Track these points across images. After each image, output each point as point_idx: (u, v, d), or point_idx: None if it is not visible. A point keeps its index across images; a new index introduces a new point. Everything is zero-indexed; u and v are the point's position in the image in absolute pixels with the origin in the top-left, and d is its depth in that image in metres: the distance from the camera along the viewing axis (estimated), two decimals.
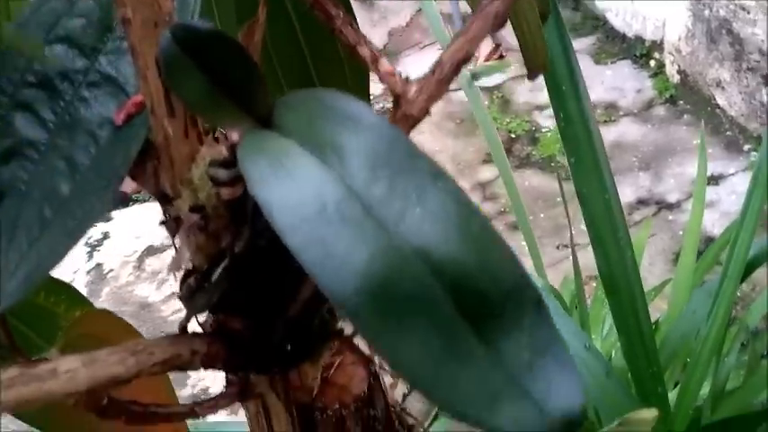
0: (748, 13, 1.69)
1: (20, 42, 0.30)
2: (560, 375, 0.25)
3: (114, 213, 2.57)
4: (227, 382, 0.40)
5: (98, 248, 2.38)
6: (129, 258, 2.35)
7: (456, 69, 0.33)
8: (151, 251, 2.38)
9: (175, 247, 0.31)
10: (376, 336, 0.23)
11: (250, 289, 0.34)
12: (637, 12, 2.25)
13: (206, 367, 0.36)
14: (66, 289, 0.45)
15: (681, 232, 1.70)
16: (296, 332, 0.35)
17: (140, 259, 2.35)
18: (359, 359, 0.46)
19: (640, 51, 2.29)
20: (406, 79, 0.34)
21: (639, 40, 2.29)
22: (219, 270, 0.31)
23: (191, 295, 0.33)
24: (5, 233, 0.31)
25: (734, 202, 1.66)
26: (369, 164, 0.25)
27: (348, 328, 0.38)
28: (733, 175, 1.80)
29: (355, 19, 0.34)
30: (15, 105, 0.31)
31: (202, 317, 0.37)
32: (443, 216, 0.25)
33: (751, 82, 1.76)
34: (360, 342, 0.47)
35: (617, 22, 2.36)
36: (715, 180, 1.78)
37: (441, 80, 0.33)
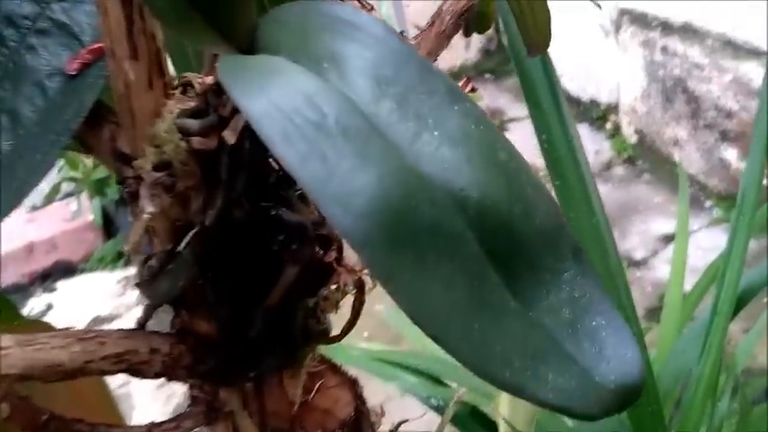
0: (702, 70, 1.72)
1: None
2: (611, 337, 0.21)
3: (59, 284, 2.47)
4: (192, 399, 0.34)
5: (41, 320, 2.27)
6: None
7: (458, 21, 0.30)
8: (97, 322, 2.28)
9: (136, 216, 0.27)
10: (389, 274, 0.18)
11: (222, 272, 0.29)
12: (591, 76, 2.29)
13: (168, 374, 0.31)
14: (6, 307, 0.40)
15: (650, 288, 1.68)
16: (276, 328, 0.30)
17: None
18: (343, 381, 0.41)
19: (596, 114, 2.33)
20: (401, 34, 0.30)
21: (595, 103, 2.32)
22: (187, 240, 0.26)
23: (152, 278, 0.28)
24: None
25: (700, 258, 1.65)
26: (375, 79, 0.21)
27: (335, 329, 0.33)
28: (697, 231, 1.80)
29: None
30: None
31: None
32: (465, 141, 0.21)
33: (709, 138, 1.78)
34: (342, 363, 0.42)
35: (572, 86, 2.40)
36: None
37: (440, 33, 0.30)
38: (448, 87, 0.21)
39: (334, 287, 0.31)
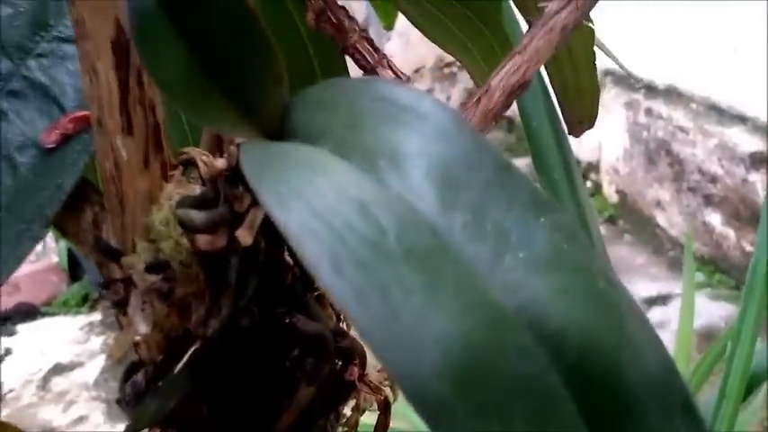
0: (687, 134, 1.72)
1: None
2: None
3: (19, 327, 2.37)
4: None
5: None
6: (32, 377, 2.14)
7: (509, 98, 0.25)
8: (58, 369, 2.18)
9: (120, 324, 0.22)
10: None
11: (222, 389, 0.24)
12: None
13: None
14: None
15: None
16: None
17: (45, 379, 2.15)
18: None
19: None
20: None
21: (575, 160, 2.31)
22: (186, 359, 0.21)
23: (138, 398, 0.23)
24: None
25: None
26: (444, 183, 0.16)
27: None
28: (679, 295, 1.78)
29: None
30: None
31: None
32: (557, 265, 0.16)
33: (692, 202, 1.77)
34: None
35: None
36: (663, 300, 1.75)
37: (487, 112, 0.25)
38: (531, 193, 0.17)
39: (351, 404, 0.26)
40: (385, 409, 0.25)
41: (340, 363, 0.24)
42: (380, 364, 0.14)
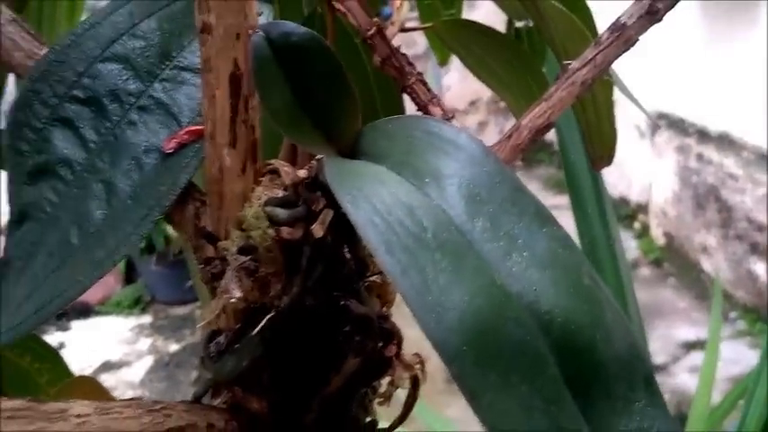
0: (737, 181, 1.73)
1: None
2: None
3: (73, 323, 2.47)
4: None
5: None
6: (82, 372, 2.23)
7: (534, 136, 0.31)
8: (107, 366, 2.27)
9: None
10: (475, 391, 0.19)
11: (283, 355, 0.29)
12: (623, 173, 2.31)
13: None
14: (53, 357, 0.40)
15: (668, 395, 1.65)
16: (331, 416, 0.30)
17: (95, 374, 2.24)
18: None
19: (625, 212, 2.34)
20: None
21: (625, 201, 2.34)
22: (260, 327, 0.27)
23: (218, 357, 0.29)
24: (19, 259, 0.27)
25: (721, 369, 1.62)
26: (471, 197, 0.22)
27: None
28: (720, 341, 1.78)
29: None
30: (56, 120, 0.28)
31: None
32: (552, 263, 0.21)
33: (738, 249, 1.78)
34: None
35: None
36: (701, 345, 1.76)
37: (516, 146, 0.31)
38: (537, 209, 0.22)
39: (387, 380, 0.32)
40: (414, 384, 0.30)
41: (381, 342, 0.30)
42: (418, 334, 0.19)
